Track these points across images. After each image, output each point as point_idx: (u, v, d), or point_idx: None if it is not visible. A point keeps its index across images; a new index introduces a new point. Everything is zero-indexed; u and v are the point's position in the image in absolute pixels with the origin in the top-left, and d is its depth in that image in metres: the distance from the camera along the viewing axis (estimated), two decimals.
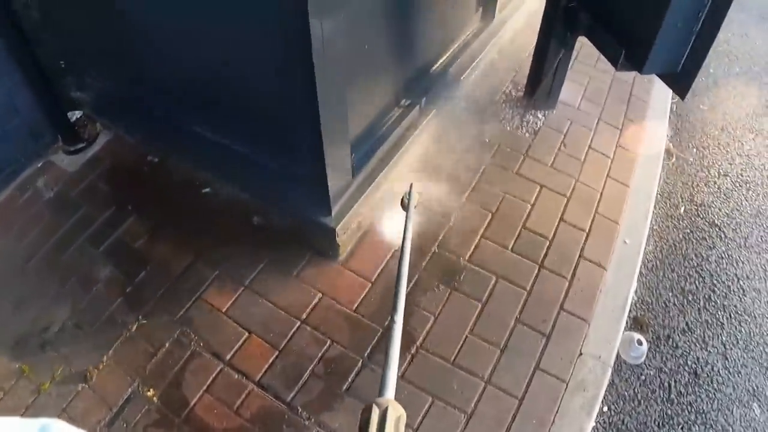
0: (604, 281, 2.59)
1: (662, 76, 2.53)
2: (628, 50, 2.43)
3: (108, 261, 2.50)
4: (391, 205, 2.52)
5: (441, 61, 2.94)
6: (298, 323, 2.32)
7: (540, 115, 3.12)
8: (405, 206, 2.06)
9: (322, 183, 2.20)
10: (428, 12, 2.61)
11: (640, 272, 2.84)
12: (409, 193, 2.11)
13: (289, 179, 2.36)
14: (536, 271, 2.55)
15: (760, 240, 3.21)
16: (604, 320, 2.51)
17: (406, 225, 1.82)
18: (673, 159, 3.33)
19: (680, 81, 2.45)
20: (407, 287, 1.54)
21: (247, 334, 2.28)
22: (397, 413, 0.97)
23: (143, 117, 2.73)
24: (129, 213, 2.66)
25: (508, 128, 3.03)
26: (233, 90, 2.21)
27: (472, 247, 2.59)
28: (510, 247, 2.60)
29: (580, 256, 2.61)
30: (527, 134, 3.02)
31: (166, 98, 2.57)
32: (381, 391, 1.06)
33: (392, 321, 1.29)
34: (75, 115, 2.88)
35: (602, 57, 2.58)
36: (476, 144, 2.92)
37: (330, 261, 2.51)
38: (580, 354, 2.39)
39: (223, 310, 2.34)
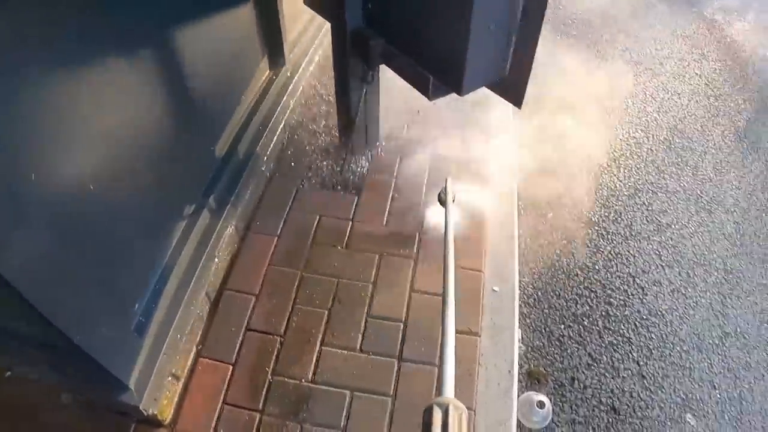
0: (480, 351, 2.13)
1: (489, 87, 2.07)
2: (438, 73, 1.95)
3: None
4: None
5: (226, 137, 2.36)
6: None
7: (363, 162, 2.61)
8: (443, 201, 1.97)
9: (89, 360, 1.60)
10: (193, 88, 2.04)
11: (521, 316, 2.41)
12: (445, 188, 2.00)
13: (63, 356, 1.74)
14: (396, 368, 2.05)
15: (645, 222, 2.86)
16: (491, 399, 2.05)
17: (446, 221, 1.76)
18: (529, 157, 2.90)
19: (511, 88, 2.00)
20: None
21: None
22: (458, 411, 0.94)
23: None
24: None
25: (329, 191, 2.50)
26: None
27: (313, 361, 2.07)
28: (358, 347, 2.09)
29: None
30: (353, 192, 2.50)
31: None
32: (440, 390, 1.05)
33: (444, 323, 1.25)
34: None
35: None
36: (291, 227, 2.38)
37: (156, 426, 1.93)
38: None
39: None
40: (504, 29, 1.77)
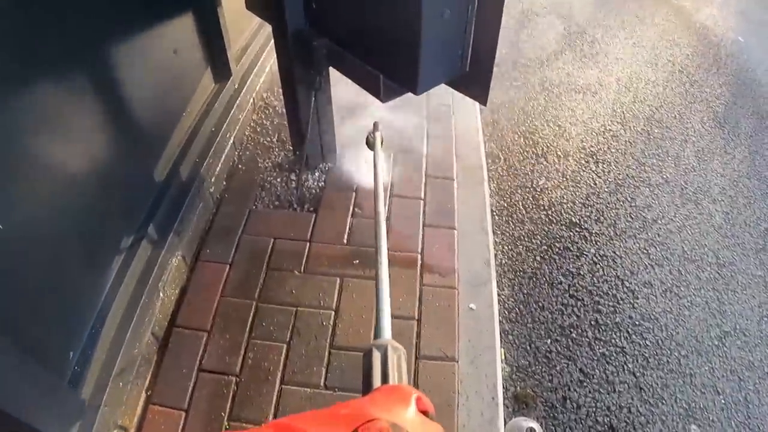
0: (459, 378, 1.91)
1: (451, 84, 1.89)
2: (390, 71, 1.76)
3: None
4: None
5: (166, 159, 2.15)
6: None
7: (320, 176, 2.39)
8: (371, 144, 1.81)
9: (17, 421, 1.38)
10: (126, 107, 1.86)
11: (503, 333, 2.20)
12: (374, 131, 1.83)
13: None
14: None
15: (630, 219, 2.68)
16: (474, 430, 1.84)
17: (375, 165, 1.64)
18: (501, 161, 2.71)
19: (474, 84, 1.82)
20: None
21: None
22: (396, 352, 0.89)
23: None
24: None
25: (285, 210, 2.29)
26: None
27: (273, 402, 1.84)
28: (322, 383, 1.86)
29: (417, 357, 1.92)
30: (310, 210, 2.28)
31: None
32: (377, 333, 1.01)
33: (377, 261, 1.22)
34: None
35: None
36: (244, 252, 2.16)
37: None
38: None
39: None
40: (460, 17, 1.60)
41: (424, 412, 0.72)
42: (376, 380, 0.86)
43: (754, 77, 3.95)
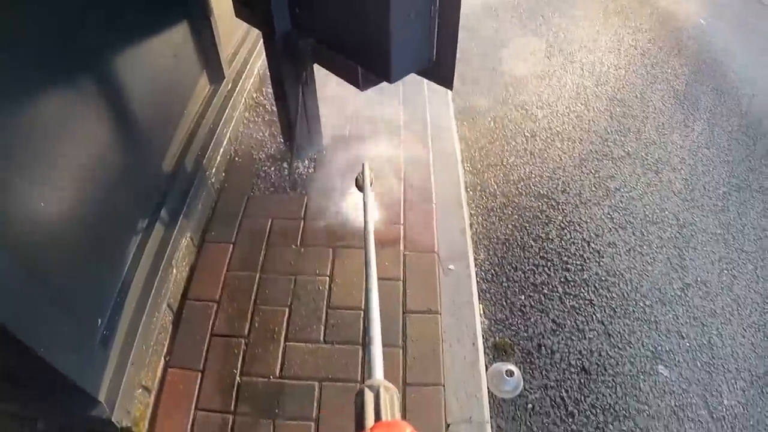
0: (442, 328, 2.16)
1: (420, 73, 2.15)
2: (366, 63, 2.02)
3: None
4: None
5: (172, 153, 2.40)
6: None
7: (309, 163, 2.66)
8: (360, 186, 1.86)
9: (58, 379, 1.61)
10: (135, 109, 2.10)
11: (481, 291, 2.45)
12: (363, 171, 1.87)
13: (31, 381, 1.75)
14: (361, 354, 2.08)
15: (594, 188, 2.93)
16: (459, 374, 2.09)
17: (365, 206, 1.68)
18: (474, 145, 2.97)
19: (440, 71, 2.08)
20: None
21: None
22: (389, 392, 0.91)
23: None
24: None
25: (279, 194, 2.55)
26: None
27: (279, 357, 2.09)
28: (322, 338, 2.11)
29: (404, 312, 2.17)
30: (302, 192, 2.54)
31: None
32: (371, 373, 1.02)
33: (368, 300, 1.23)
34: None
35: None
36: (245, 233, 2.41)
37: None
38: (448, 426, 1.96)
39: None
40: (424, 16, 1.85)
41: None
42: (369, 419, 0.87)
43: (715, 57, 4.22)
